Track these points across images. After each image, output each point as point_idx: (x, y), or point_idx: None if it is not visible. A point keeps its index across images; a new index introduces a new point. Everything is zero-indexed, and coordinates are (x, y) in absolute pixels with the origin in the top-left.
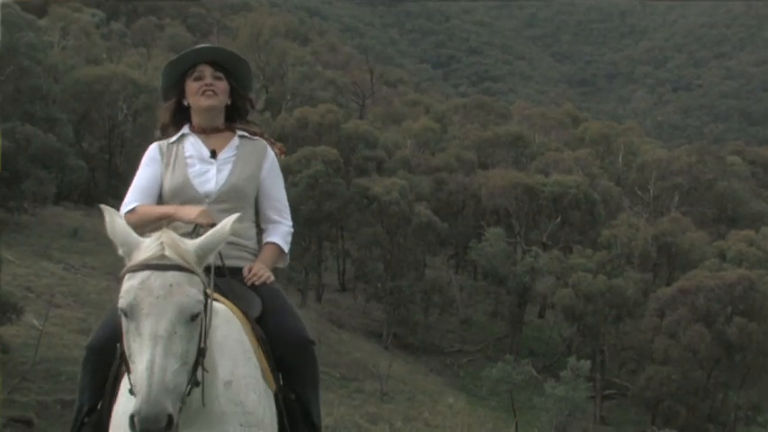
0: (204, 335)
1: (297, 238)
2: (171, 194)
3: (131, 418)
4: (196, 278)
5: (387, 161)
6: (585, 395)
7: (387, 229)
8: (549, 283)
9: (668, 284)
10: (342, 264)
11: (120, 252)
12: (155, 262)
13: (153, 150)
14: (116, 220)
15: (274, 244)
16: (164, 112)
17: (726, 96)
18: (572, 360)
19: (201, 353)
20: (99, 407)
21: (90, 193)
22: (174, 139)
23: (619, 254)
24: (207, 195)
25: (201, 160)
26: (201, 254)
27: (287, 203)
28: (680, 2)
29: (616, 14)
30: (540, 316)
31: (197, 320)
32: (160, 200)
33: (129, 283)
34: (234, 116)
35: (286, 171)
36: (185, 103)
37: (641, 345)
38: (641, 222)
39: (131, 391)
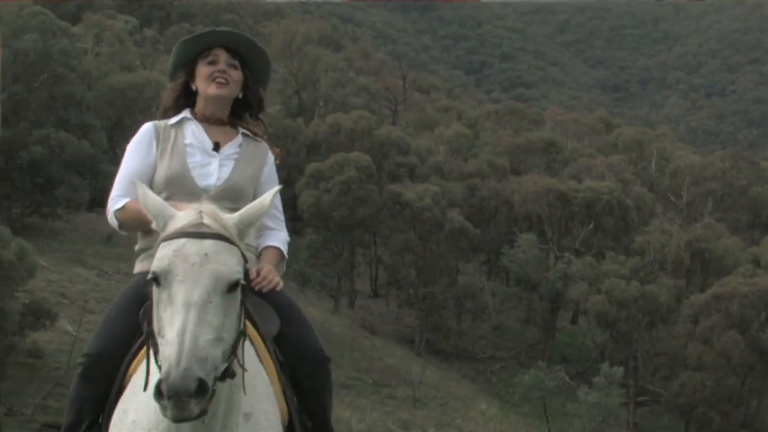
0: (243, 317)
1: (329, 243)
2: (165, 184)
3: (157, 386)
4: (236, 249)
5: (419, 167)
6: (618, 402)
7: (419, 235)
8: (582, 289)
9: (702, 291)
10: (374, 270)
11: (154, 225)
12: (192, 230)
13: (147, 131)
14: (148, 192)
15: (276, 248)
16: (168, 93)
17: (760, 102)
18: (605, 366)
19: (241, 335)
20: (100, 420)
21: None
22: (173, 121)
23: (652, 260)
24: (206, 190)
25: (203, 151)
26: (242, 227)
27: (282, 212)
28: (714, 4)
29: (649, 20)
30: (573, 322)
31: (235, 295)
32: (151, 189)
33: (164, 251)
34: (241, 111)
35: (319, 177)
36: (193, 87)
37: (675, 351)
38: (674, 228)
39: (159, 366)
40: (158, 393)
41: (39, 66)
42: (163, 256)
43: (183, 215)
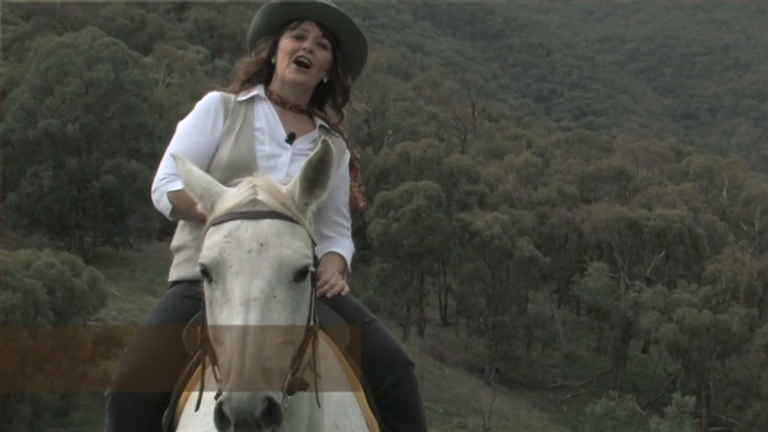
0: (313, 312)
1: (398, 272)
2: (226, 170)
3: (218, 408)
4: (301, 229)
5: (489, 195)
6: (691, 431)
7: (489, 263)
8: (653, 318)
9: None
10: (444, 298)
11: (200, 207)
12: (245, 209)
13: (214, 101)
14: (191, 168)
15: (340, 255)
16: (247, 65)
17: None
18: (677, 396)
19: (312, 333)
20: None
21: None
22: (244, 97)
23: (724, 289)
24: None
25: (273, 140)
26: (303, 197)
27: (348, 217)
28: None
29: (719, 48)
30: (644, 351)
31: (303, 283)
32: (207, 171)
33: (213, 238)
34: (323, 98)
35: (388, 205)
36: (272, 61)
37: (747, 381)
38: (746, 257)
39: (217, 396)
40: (221, 421)
41: (111, 96)
42: (212, 243)
43: (235, 191)
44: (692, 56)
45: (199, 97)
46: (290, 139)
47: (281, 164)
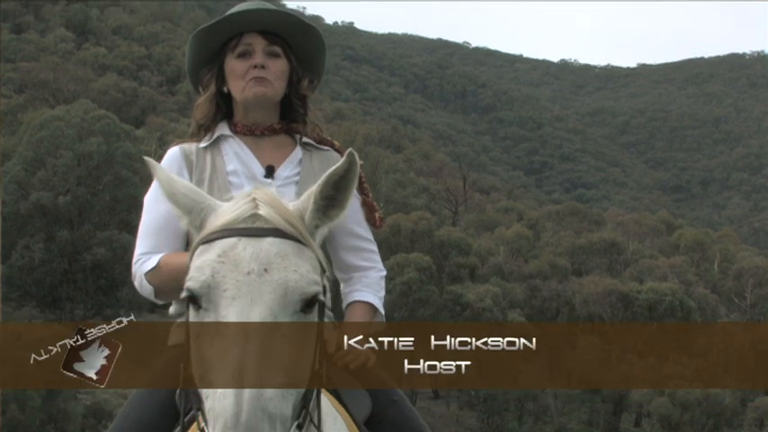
0: (319, 353)
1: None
2: None
3: None
4: (309, 252)
5: (480, 268)
6: None
7: None
8: (645, 391)
9: (767, 393)
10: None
11: (186, 223)
12: (243, 225)
13: (174, 158)
14: (174, 177)
15: (365, 303)
16: (201, 105)
17: None
18: None
19: (317, 379)
20: None
21: None
22: (206, 143)
23: (716, 362)
24: None
25: (251, 178)
26: (314, 218)
27: (373, 240)
28: None
29: (710, 121)
30: (637, 425)
31: (311, 316)
32: (187, 239)
33: (204, 257)
34: (290, 112)
35: None
36: (224, 90)
37: None
38: (738, 330)
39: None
40: None
41: (102, 168)
42: (202, 264)
43: (231, 205)
44: (683, 129)
45: None
46: (269, 173)
47: None
